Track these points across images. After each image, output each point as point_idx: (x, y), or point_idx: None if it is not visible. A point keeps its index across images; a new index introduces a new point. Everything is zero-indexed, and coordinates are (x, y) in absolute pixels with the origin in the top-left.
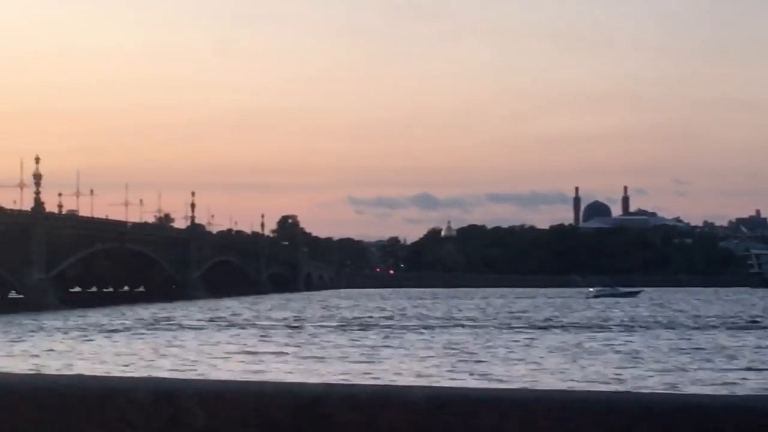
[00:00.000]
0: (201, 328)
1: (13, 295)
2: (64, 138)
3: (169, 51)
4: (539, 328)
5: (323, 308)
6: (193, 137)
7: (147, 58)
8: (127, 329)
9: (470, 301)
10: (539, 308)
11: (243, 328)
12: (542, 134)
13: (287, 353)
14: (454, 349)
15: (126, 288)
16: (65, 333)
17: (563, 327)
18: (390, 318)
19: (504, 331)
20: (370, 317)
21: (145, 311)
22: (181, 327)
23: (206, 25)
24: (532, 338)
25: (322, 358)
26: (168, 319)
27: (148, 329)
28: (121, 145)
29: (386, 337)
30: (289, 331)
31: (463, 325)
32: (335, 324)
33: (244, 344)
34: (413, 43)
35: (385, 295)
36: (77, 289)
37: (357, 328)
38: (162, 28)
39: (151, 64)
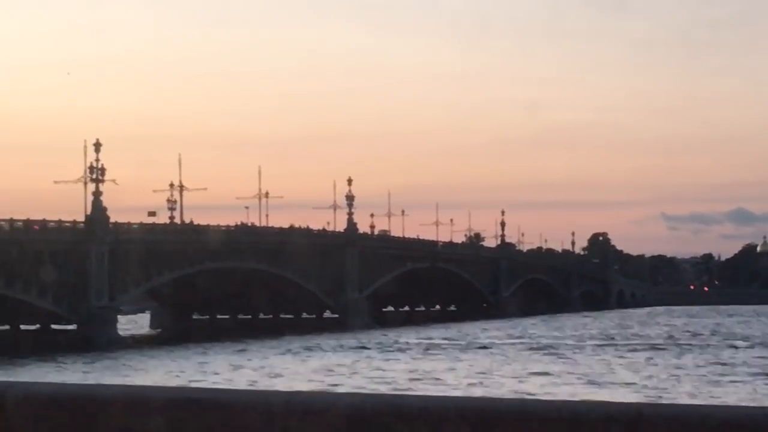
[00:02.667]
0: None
1: (327, 314)
2: (376, 160)
3: (478, 72)
4: None
5: (662, 325)
6: (503, 156)
7: (457, 80)
8: (425, 349)
9: None
10: None
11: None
12: None
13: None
14: None
15: (437, 307)
16: (365, 350)
17: None
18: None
19: None
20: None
21: (452, 331)
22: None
23: (507, 46)
24: None
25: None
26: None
27: (461, 350)
28: (431, 166)
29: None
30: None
31: None
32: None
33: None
34: (710, 58)
35: (700, 313)
36: (389, 308)
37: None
38: (473, 51)
39: (461, 85)
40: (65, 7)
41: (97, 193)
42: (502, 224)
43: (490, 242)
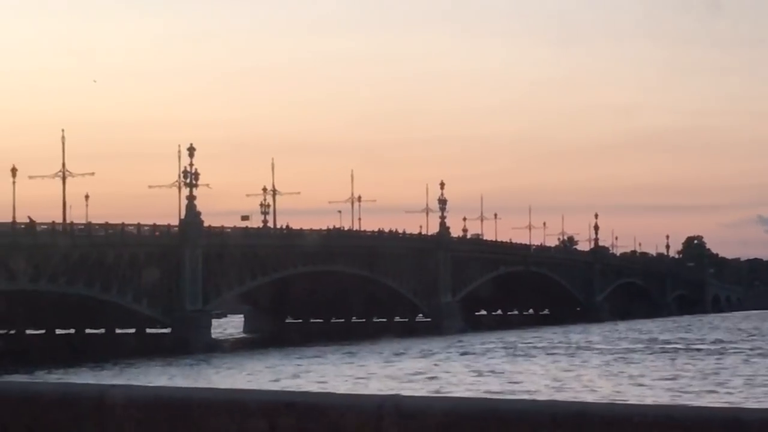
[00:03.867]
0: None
1: (420, 318)
2: (468, 163)
3: (572, 75)
4: None
5: None
6: (597, 159)
7: (550, 83)
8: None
9: None
10: None
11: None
12: None
13: None
14: None
15: (530, 311)
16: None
17: None
18: None
19: None
20: None
21: (554, 334)
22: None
23: (601, 49)
24: None
25: None
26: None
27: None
28: (524, 169)
29: None
30: None
31: None
32: None
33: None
34: None
35: None
36: (482, 312)
37: None
38: (567, 55)
39: (555, 89)
40: (162, 17)
41: (191, 198)
42: (596, 228)
43: (584, 246)
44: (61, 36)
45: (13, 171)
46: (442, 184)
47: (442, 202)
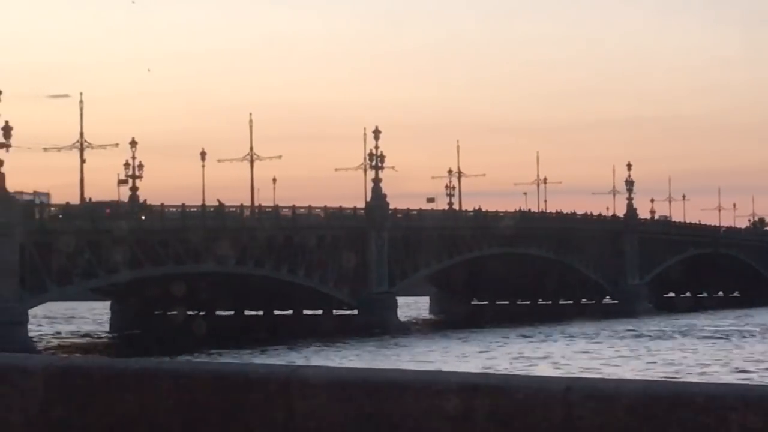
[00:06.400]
0: None
1: (607, 300)
2: (656, 144)
3: (760, 53)
4: None
5: None
6: None
7: (737, 62)
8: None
9: None
10: None
11: None
12: None
13: None
14: None
15: (720, 293)
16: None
17: None
18: None
19: None
20: None
21: (748, 317)
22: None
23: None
24: None
25: None
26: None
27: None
28: (713, 150)
29: None
30: None
31: None
32: None
33: None
34: None
35: None
36: (671, 294)
37: None
38: (756, 33)
39: (742, 68)
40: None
41: (376, 180)
42: None
43: None
44: (249, 18)
45: (203, 155)
46: (629, 165)
47: (630, 183)
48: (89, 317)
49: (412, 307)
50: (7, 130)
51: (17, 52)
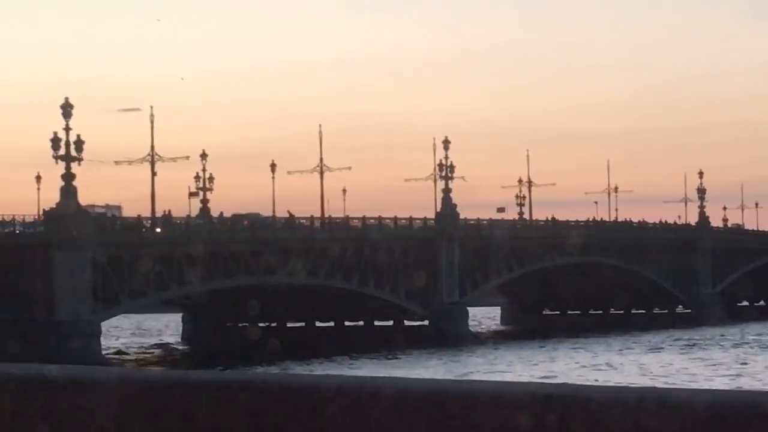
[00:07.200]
0: None
1: (680, 309)
2: (728, 151)
3: None
4: None
5: None
6: None
7: None
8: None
9: None
10: None
11: None
12: None
13: None
14: None
15: None
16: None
17: None
18: None
19: None
20: None
21: None
22: None
23: None
24: None
25: None
26: None
27: None
28: None
29: None
30: None
31: None
32: None
33: None
34: None
35: None
36: (744, 303)
37: None
38: None
39: None
40: (417, 7)
41: (446, 190)
42: None
43: None
44: (317, 30)
45: (273, 166)
46: (700, 173)
47: (701, 191)
48: (161, 329)
49: (483, 317)
50: (79, 144)
51: (89, 67)
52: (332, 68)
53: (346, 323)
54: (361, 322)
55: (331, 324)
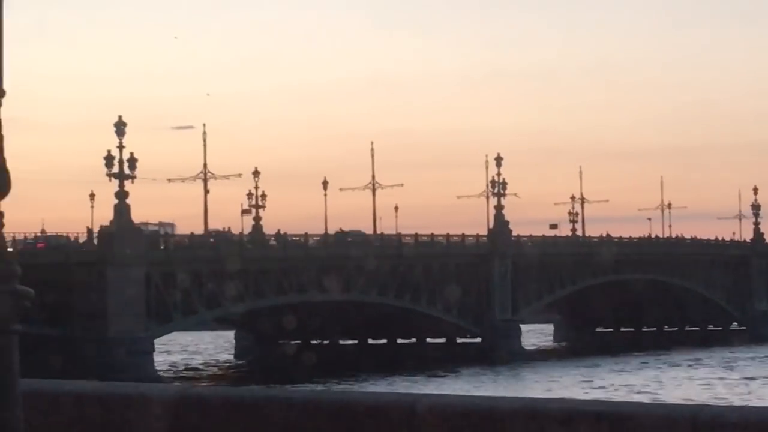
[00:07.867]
0: None
1: (734, 326)
2: None
3: None
4: None
5: None
6: None
7: None
8: None
9: None
10: None
11: None
12: None
13: None
14: None
15: None
16: None
17: None
18: None
19: None
20: None
21: None
22: None
23: None
24: None
25: None
26: None
27: None
28: None
29: None
30: None
31: None
32: None
33: None
34: None
35: None
36: None
37: None
38: None
39: None
40: (467, 21)
41: (499, 207)
42: None
43: None
44: (368, 48)
45: (325, 184)
46: (755, 189)
47: (756, 207)
48: (214, 347)
49: (537, 334)
50: (132, 161)
51: (142, 85)
52: (384, 86)
53: (399, 340)
54: (413, 339)
55: (384, 341)
